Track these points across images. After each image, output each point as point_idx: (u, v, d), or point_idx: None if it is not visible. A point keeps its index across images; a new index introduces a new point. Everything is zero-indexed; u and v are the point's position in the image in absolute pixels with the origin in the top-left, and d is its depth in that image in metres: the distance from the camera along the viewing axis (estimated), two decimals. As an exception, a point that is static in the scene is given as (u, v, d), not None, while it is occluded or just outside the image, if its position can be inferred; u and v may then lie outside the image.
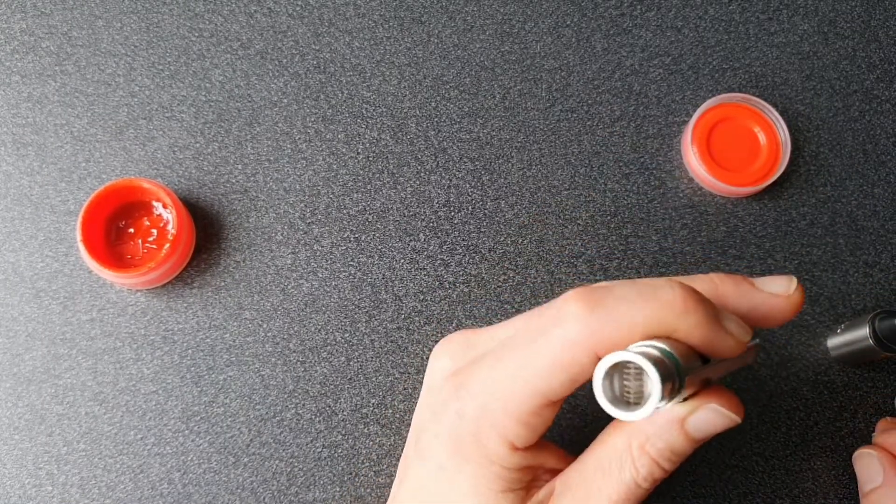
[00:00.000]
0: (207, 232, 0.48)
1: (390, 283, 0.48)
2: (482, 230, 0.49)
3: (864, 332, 0.45)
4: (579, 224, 0.49)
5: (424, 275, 0.48)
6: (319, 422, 0.46)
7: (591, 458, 0.33)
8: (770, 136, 0.50)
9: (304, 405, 0.46)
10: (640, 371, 0.27)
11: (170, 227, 0.47)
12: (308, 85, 0.50)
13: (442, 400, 0.34)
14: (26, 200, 0.48)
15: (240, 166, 0.49)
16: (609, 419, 0.31)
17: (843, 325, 0.47)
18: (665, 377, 0.27)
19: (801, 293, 0.34)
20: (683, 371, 0.28)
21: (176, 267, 0.47)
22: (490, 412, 0.32)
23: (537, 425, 0.32)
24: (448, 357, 0.36)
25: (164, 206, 0.47)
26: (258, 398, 0.46)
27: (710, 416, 0.31)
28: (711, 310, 0.30)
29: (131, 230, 0.47)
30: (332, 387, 0.46)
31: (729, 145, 0.49)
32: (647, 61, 0.51)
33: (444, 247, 0.49)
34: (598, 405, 0.28)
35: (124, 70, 0.50)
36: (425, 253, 0.48)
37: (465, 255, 0.48)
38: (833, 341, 0.48)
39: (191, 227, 0.47)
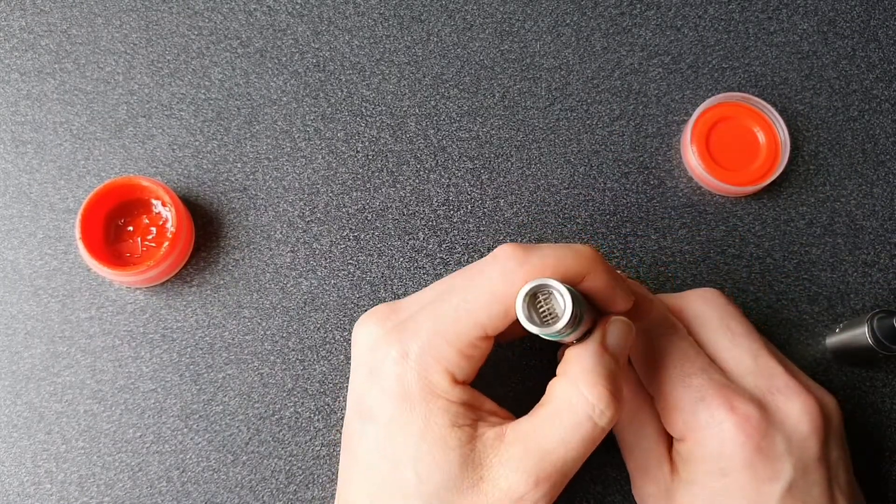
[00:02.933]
0: (206, 230, 0.48)
1: (389, 282, 0.48)
2: (481, 229, 0.49)
3: (862, 331, 0.45)
4: (578, 223, 0.49)
5: (423, 273, 0.48)
6: (318, 420, 0.46)
7: (541, 411, 0.36)
8: (769, 135, 0.50)
9: (302, 403, 0.46)
10: (548, 298, 0.33)
11: (169, 225, 0.47)
12: (307, 83, 0.50)
13: (381, 355, 0.36)
14: (25, 198, 0.48)
15: (239, 164, 0.49)
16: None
17: (841, 325, 0.47)
18: (574, 298, 0.33)
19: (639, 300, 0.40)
20: (582, 302, 0.35)
21: (175, 265, 0.47)
22: (434, 346, 0.35)
23: (475, 358, 0.36)
24: (374, 324, 0.38)
25: (164, 205, 0.47)
26: (257, 396, 0.46)
27: (617, 328, 0.37)
28: (611, 266, 0.37)
29: (130, 228, 0.47)
30: (330, 385, 0.46)
31: (728, 145, 0.49)
32: (647, 60, 0.51)
33: (444, 245, 0.49)
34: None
35: (123, 68, 0.50)
36: (424, 251, 0.48)
37: (464, 254, 0.49)
38: (832, 340, 0.48)
39: (190, 225, 0.47)
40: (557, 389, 0.36)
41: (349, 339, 0.47)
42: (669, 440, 0.42)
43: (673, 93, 0.51)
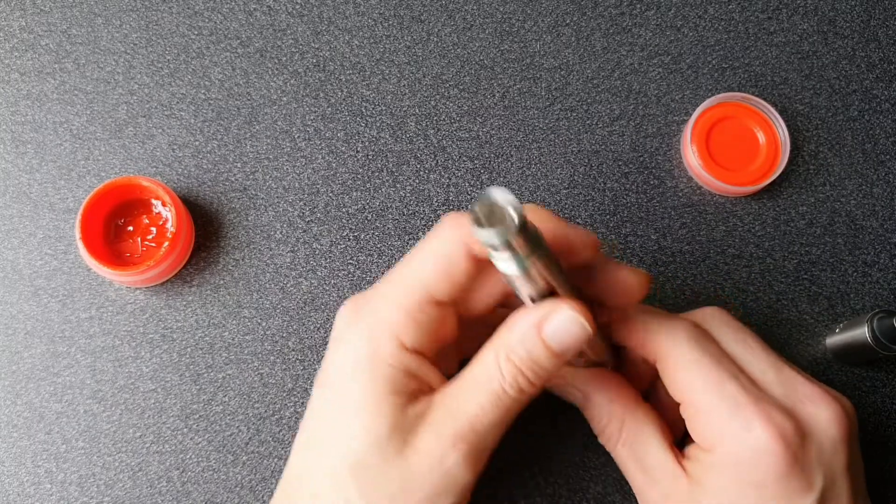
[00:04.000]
0: (206, 230, 0.48)
1: (389, 282, 0.48)
2: (481, 229, 0.49)
3: (862, 331, 0.45)
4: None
5: (423, 273, 0.48)
6: (318, 420, 0.46)
7: (465, 374, 0.37)
8: (769, 135, 0.50)
9: (302, 403, 0.46)
10: (505, 216, 0.30)
11: (169, 225, 0.47)
12: (307, 83, 0.50)
13: (341, 325, 0.38)
14: (25, 198, 0.48)
15: (239, 164, 0.49)
16: None
17: (841, 325, 0.47)
18: (520, 212, 0.30)
19: (647, 276, 0.38)
20: (533, 227, 0.32)
21: (175, 265, 0.47)
22: (382, 310, 0.36)
23: (424, 323, 0.36)
24: (348, 302, 0.39)
25: (163, 204, 0.47)
26: (257, 396, 0.46)
27: (563, 321, 0.35)
28: (558, 217, 0.36)
29: (130, 228, 0.47)
30: (330, 385, 0.46)
31: (728, 144, 0.49)
32: (647, 60, 0.51)
33: (444, 245, 0.48)
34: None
35: (123, 68, 0.50)
36: (424, 251, 0.48)
37: (464, 254, 0.48)
38: (831, 340, 0.48)
39: (190, 225, 0.47)
40: (483, 355, 0.36)
41: (349, 339, 0.47)
42: (677, 453, 0.41)
43: (673, 93, 0.51)
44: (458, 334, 0.39)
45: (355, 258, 0.48)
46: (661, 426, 0.41)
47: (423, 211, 0.49)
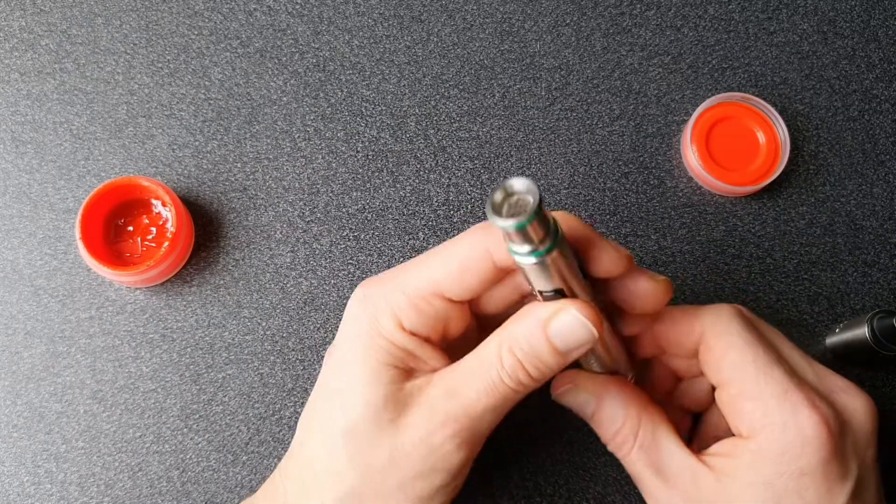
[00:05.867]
0: (206, 230, 0.48)
1: (389, 282, 0.48)
2: (481, 229, 0.49)
3: (862, 331, 0.45)
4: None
5: (423, 273, 0.48)
6: (318, 420, 0.46)
7: (467, 359, 0.37)
8: (769, 135, 0.50)
9: (302, 403, 0.46)
10: (525, 205, 0.31)
11: (169, 225, 0.47)
12: (307, 83, 0.50)
13: (352, 304, 0.38)
14: (25, 198, 0.48)
15: (239, 164, 0.49)
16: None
17: (841, 325, 0.47)
18: (540, 204, 0.30)
19: (669, 283, 0.38)
20: (554, 223, 0.32)
21: (175, 265, 0.47)
22: (388, 291, 0.37)
23: (427, 313, 0.36)
24: (362, 287, 0.39)
25: (163, 204, 0.47)
26: (257, 396, 0.46)
27: (570, 321, 0.35)
28: (590, 228, 0.36)
29: (130, 228, 0.47)
30: (330, 385, 0.46)
31: (728, 144, 0.49)
32: (647, 60, 0.51)
33: (444, 245, 0.49)
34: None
35: (123, 68, 0.50)
36: (424, 252, 0.48)
37: (464, 254, 0.48)
38: (831, 340, 0.48)
39: (190, 225, 0.47)
40: (487, 343, 0.37)
41: (349, 339, 0.47)
42: (695, 453, 0.39)
43: (673, 93, 0.51)
44: (473, 328, 0.39)
45: (355, 258, 0.48)
46: (675, 429, 0.40)
47: (423, 211, 0.49)
